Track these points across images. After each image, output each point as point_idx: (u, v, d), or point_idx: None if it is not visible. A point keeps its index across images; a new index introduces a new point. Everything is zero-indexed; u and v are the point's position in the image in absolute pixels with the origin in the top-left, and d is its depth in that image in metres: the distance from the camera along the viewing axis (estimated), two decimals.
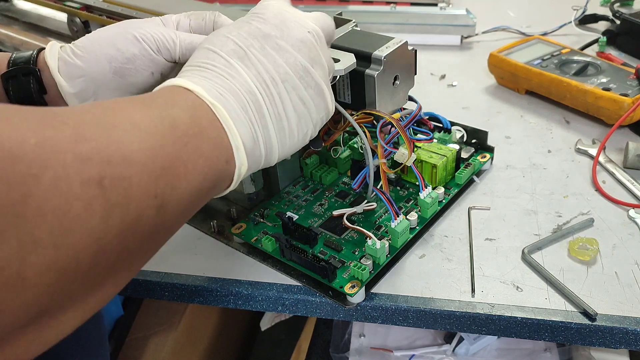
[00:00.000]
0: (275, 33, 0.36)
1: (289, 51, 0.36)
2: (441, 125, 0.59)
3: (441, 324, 0.45)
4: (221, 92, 0.33)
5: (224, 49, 0.35)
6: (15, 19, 0.74)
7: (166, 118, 0.30)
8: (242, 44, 0.35)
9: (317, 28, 0.38)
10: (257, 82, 0.35)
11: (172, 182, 0.28)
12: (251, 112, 0.34)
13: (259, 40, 0.36)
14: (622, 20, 0.82)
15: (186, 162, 0.30)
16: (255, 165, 0.36)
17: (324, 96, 0.38)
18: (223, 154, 0.32)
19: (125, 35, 0.42)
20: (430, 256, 0.49)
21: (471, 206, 0.54)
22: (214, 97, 0.33)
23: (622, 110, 0.61)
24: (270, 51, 0.36)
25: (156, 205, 0.27)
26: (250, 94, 0.34)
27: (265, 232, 0.50)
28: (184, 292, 0.49)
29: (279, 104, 0.35)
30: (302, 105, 0.37)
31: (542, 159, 0.61)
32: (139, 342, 0.73)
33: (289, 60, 0.36)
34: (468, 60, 0.85)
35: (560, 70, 0.69)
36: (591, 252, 0.48)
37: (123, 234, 0.26)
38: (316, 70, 0.37)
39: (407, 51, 0.47)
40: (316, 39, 0.38)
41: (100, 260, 0.25)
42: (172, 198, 0.28)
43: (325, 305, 0.47)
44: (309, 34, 0.37)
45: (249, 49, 0.35)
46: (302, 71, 0.36)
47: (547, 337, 0.44)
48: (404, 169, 0.54)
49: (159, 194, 0.28)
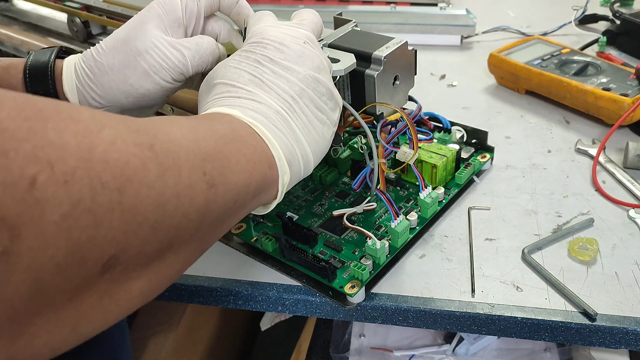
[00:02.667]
0: (278, 56, 0.38)
1: (295, 69, 0.38)
2: (441, 125, 0.59)
3: (441, 324, 0.45)
4: (254, 115, 0.36)
5: (241, 80, 0.37)
6: (15, 19, 0.74)
7: (206, 124, 0.32)
8: (255, 73, 0.37)
9: (309, 34, 0.41)
10: (280, 102, 0.37)
11: (219, 168, 0.30)
12: (284, 129, 0.36)
13: (268, 66, 0.38)
14: (622, 20, 0.82)
15: (229, 157, 0.32)
16: (296, 176, 0.38)
17: (334, 97, 0.40)
18: (264, 159, 0.34)
19: (136, 67, 0.42)
20: (430, 256, 0.49)
21: (471, 206, 0.54)
22: (249, 117, 0.35)
23: (622, 110, 0.61)
24: (281, 73, 0.38)
25: (206, 181, 0.29)
26: (277, 114, 0.36)
27: (265, 232, 0.50)
28: (184, 292, 0.49)
29: (303, 117, 0.38)
30: (321, 112, 0.39)
31: (542, 159, 0.61)
32: (139, 342, 0.73)
33: (299, 76, 0.38)
34: (468, 60, 0.85)
35: (560, 70, 0.69)
36: (591, 252, 0.48)
37: (179, 197, 0.27)
38: (322, 76, 0.39)
39: (407, 51, 0.47)
40: (312, 45, 0.40)
41: (162, 217, 0.26)
42: (221, 181, 0.30)
43: (325, 305, 0.47)
44: (304, 44, 0.39)
45: (262, 75, 0.37)
46: (313, 82, 0.38)
47: (547, 337, 0.44)
48: (404, 169, 0.54)
49: (207, 172, 0.29)
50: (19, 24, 0.74)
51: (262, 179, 0.34)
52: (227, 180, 0.31)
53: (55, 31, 0.70)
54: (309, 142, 0.38)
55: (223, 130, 0.33)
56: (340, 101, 0.41)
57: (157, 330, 0.73)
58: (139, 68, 0.42)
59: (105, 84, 0.43)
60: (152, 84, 0.43)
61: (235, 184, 0.32)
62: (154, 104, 0.45)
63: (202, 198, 0.29)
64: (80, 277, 0.23)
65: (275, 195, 0.37)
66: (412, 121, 0.47)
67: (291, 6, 0.94)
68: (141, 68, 0.42)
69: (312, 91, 0.38)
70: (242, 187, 0.32)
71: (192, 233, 0.29)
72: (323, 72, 0.39)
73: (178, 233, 0.28)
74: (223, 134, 0.32)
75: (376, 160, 0.48)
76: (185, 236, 0.29)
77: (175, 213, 0.27)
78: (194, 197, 0.28)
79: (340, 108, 0.42)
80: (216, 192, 0.30)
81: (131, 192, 0.25)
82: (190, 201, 0.28)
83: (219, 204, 0.30)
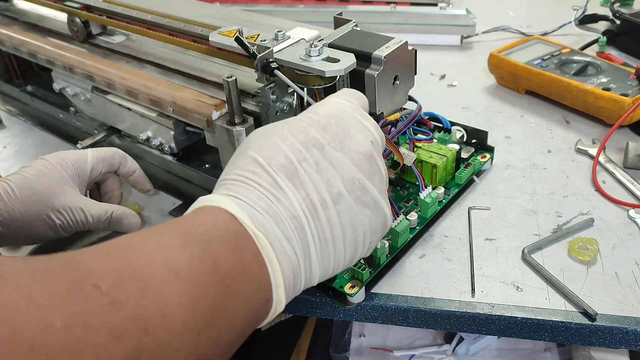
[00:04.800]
0: (334, 145, 0.32)
1: (347, 167, 0.32)
2: (441, 125, 0.59)
3: (441, 324, 0.45)
4: (264, 219, 0.30)
5: (273, 162, 0.31)
6: (15, 19, 0.74)
7: (207, 257, 0.27)
8: (295, 158, 0.31)
9: (379, 139, 0.35)
10: (305, 205, 0.31)
11: (215, 337, 0.26)
12: (295, 242, 0.31)
13: (315, 154, 0.32)
14: (622, 20, 0.82)
15: (228, 308, 0.27)
16: (292, 296, 0.33)
17: (382, 213, 0.34)
18: (263, 294, 0.30)
19: (45, 221, 0.47)
20: (430, 256, 0.49)
21: (471, 206, 0.54)
22: (257, 225, 0.30)
23: (622, 110, 0.61)
24: (326, 166, 0.31)
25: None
26: (294, 219, 0.31)
27: None
28: None
29: (327, 228, 0.31)
30: (353, 229, 0.32)
31: (542, 159, 0.61)
32: None
33: (345, 177, 0.32)
34: (468, 60, 0.85)
35: (560, 70, 0.69)
36: (591, 252, 0.48)
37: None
38: (375, 185, 0.33)
39: (407, 51, 0.47)
40: (377, 149, 0.34)
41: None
42: (214, 352, 0.27)
43: (325, 305, 0.47)
44: (371, 144, 0.33)
45: (302, 164, 0.31)
46: (359, 190, 0.32)
47: (547, 337, 0.44)
48: (404, 169, 0.54)
49: (200, 354, 0.25)
50: (19, 24, 0.74)
51: (255, 318, 0.30)
52: (221, 347, 0.27)
53: (56, 31, 0.70)
54: (321, 260, 0.32)
55: (226, 260, 0.28)
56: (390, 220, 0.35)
57: None
58: (49, 221, 0.47)
59: (11, 228, 0.46)
60: (55, 234, 0.48)
61: (230, 342, 0.28)
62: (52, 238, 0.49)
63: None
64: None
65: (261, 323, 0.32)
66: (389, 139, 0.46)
67: (291, 6, 0.94)
68: (52, 222, 0.47)
69: (354, 199, 0.32)
70: (235, 341, 0.29)
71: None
72: (377, 181, 0.33)
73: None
74: (226, 270, 0.27)
75: None
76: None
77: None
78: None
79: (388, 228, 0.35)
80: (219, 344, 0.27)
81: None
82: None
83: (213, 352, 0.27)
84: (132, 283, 0.23)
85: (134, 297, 0.23)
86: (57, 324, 0.20)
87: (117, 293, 0.22)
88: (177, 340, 0.24)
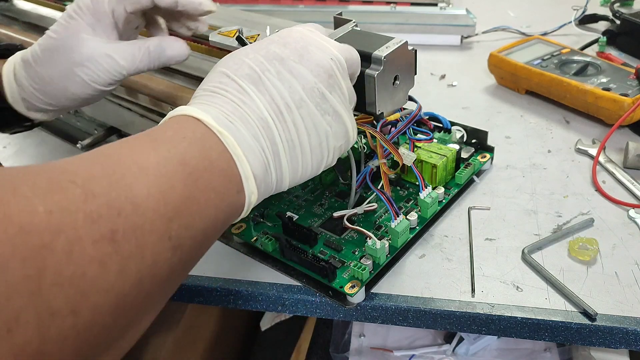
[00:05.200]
0: (294, 57, 0.35)
1: (306, 76, 0.35)
2: (441, 125, 0.59)
3: (441, 324, 0.45)
4: (231, 119, 0.33)
5: (238, 72, 0.34)
6: (15, 19, 0.74)
7: (175, 156, 0.29)
8: (258, 68, 0.34)
9: (341, 57, 0.37)
10: (270, 108, 0.34)
11: (186, 222, 0.28)
12: (263, 140, 0.33)
13: (276, 65, 0.35)
14: (622, 20, 0.82)
15: (198, 199, 0.29)
16: (266, 192, 0.35)
17: (343, 123, 0.37)
18: (234, 185, 0.32)
19: (74, 78, 0.43)
20: (430, 256, 0.49)
21: (471, 206, 0.54)
22: (222, 125, 0.32)
23: (622, 110, 0.61)
24: (287, 75, 0.35)
25: (171, 246, 0.27)
26: (261, 120, 0.33)
27: (265, 232, 0.50)
28: (184, 292, 0.49)
29: (293, 131, 0.34)
30: (317, 133, 0.35)
31: (542, 159, 0.61)
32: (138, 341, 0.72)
33: (306, 85, 0.35)
34: (468, 60, 0.85)
35: (560, 70, 0.69)
36: (591, 252, 0.48)
37: (141, 282, 0.26)
38: (335, 97, 0.36)
39: (407, 51, 0.47)
40: (338, 66, 0.37)
41: (121, 312, 0.25)
42: (187, 236, 0.28)
43: (325, 305, 0.47)
44: (331, 60, 0.36)
45: (264, 73, 0.34)
46: (318, 97, 0.35)
47: (547, 337, 0.44)
48: (404, 169, 0.54)
49: (173, 236, 0.27)
50: (19, 24, 0.74)
51: (229, 208, 0.32)
52: (195, 232, 0.29)
53: None
54: (289, 160, 0.35)
55: (194, 159, 0.30)
56: (353, 132, 0.38)
57: (157, 329, 0.73)
58: (77, 79, 0.43)
59: (48, 92, 0.44)
60: (92, 90, 0.44)
61: (204, 229, 0.30)
62: (100, 98, 0.47)
63: (166, 267, 0.27)
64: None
65: (240, 214, 0.34)
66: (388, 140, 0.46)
67: (291, 6, 0.94)
68: (79, 79, 0.43)
69: (315, 106, 0.35)
70: (210, 229, 0.30)
71: (155, 302, 0.28)
72: (337, 94, 0.36)
73: (140, 311, 0.27)
74: (194, 166, 0.30)
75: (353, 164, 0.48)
76: (148, 308, 0.28)
77: (137, 299, 0.26)
78: (157, 271, 0.27)
79: (351, 140, 0.38)
80: (182, 251, 0.28)
81: (87, 306, 0.23)
82: (154, 277, 0.26)
83: (184, 260, 0.29)
84: (103, 179, 0.26)
85: (106, 189, 0.25)
86: (40, 209, 0.22)
87: (91, 186, 0.25)
88: (149, 223, 0.26)
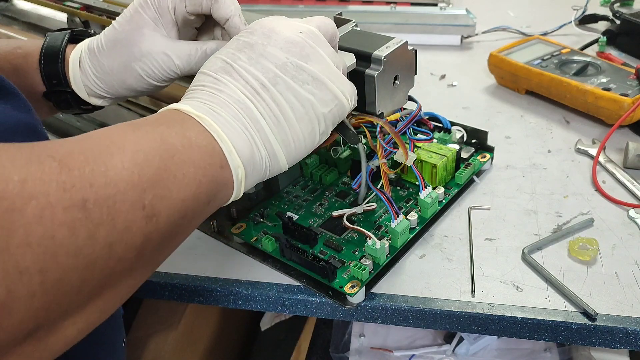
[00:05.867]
0: (262, 41, 0.37)
1: (276, 55, 0.36)
2: (441, 125, 0.59)
3: (441, 324, 0.45)
4: (209, 106, 0.34)
5: (213, 68, 0.36)
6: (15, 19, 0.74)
7: (153, 135, 0.31)
8: (229, 59, 0.36)
9: (312, 27, 0.38)
10: (246, 90, 0.35)
11: (161, 193, 0.29)
12: (244, 120, 0.35)
13: (246, 52, 0.36)
14: (622, 20, 0.82)
15: (175, 172, 0.30)
16: (257, 169, 0.36)
17: (328, 89, 0.37)
18: (216, 160, 0.33)
19: (132, 72, 0.44)
20: (430, 256, 0.49)
21: (471, 206, 0.54)
22: (201, 110, 0.34)
23: (622, 110, 0.61)
24: (257, 58, 0.36)
25: (145, 215, 0.28)
26: (239, 103, 0.35)
27: (265, 232, 0.50)
28: (184, 292, 0.49)
29: (273, 106, 0.35)
30: (301, 104, 0.36)
31: (542, 159, 0.61)
32: (139, 341, 0.73)
33: (277, 62, 0.36)
34: (468, 60, 0.85)
35: (560, 70, 0.69)
36: (591, 252, 0.48)
37: (111, 247, 0.27)
38: (312, 66, 0.37)
39: (407, 51, 0.47)
40: (310, 36, 0.38)
41: (91, 274, 0.26)
42: (163, 207, 0.29)
43: (325, 305, 0.47)
44: (300, 34, 0.37)
45: (236, 62, 0.36)
46: (293, 70, 0.36)
47: (547, 337, 0.44)
48: (404, 169, 0.54)
49: (147, 205, 0.28)
50: (19, 24, 0.74)
51: (213, 183, 0.33)
52: (172, 202, 0.30)
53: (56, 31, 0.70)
54: (277, 134, 0.36)
55: (172, 137, 0.31)
56: (344, 94, 0.38)
57: (157, 329, 0.73)
58: (134, 72, 0.44)
59: (107, 82, 0.46)
60: (147, 85, 0.45)
61: (183, 200, 0.30)
62: (156, 92, 0.48)
63: (139, 235, 0.28)
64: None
65: (232, 193, 0.35)
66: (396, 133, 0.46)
67: (291, 6, 0.94)
68: (136, 72, 0.44)
69: (291, 79, 0.36)
70: (190, 201, 0.31)
71: (130, 267, 0.29)
72: (315, 62, 0.37)
73: (113, 274, 0.28)
74: (171, 144, 0.31)
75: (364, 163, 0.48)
76: (123, 272, 0.28)
77: (107, 263, 0.27)
78: (129, 238, 0.28)
79: (344, 102, 0.38)
80: (157, 221, 0.29)
81: (55, 268, 0.24)
82: (126, 244, 0.27)
83: (162, 230, 0.30)
84: (80, 154, 0.27)
85: (82, 164, 0.27)
86: (15, 177, 0.24)
87: (67, 161, 0.26)
88: (121, 194, 0.27)
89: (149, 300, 0.77)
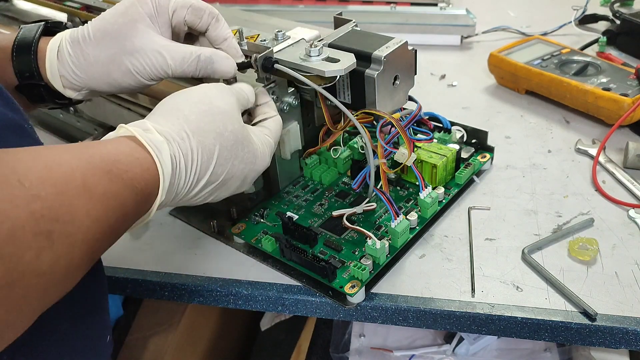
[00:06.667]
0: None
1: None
2: (441, 125, 0.59)
3: (441, 324, 0.45)
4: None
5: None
6: (15, 19, 0.74)
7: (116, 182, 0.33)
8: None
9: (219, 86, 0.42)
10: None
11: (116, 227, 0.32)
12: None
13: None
14: (622, 20, 0.82)
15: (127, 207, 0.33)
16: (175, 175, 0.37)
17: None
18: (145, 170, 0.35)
19: (120, 65, 0.43)
20: (430, 256, 0.49)
21: (471, 206, 0.54)
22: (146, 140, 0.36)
23: (622, 110, 0.61)
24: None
25: (99, 247, 0.32)
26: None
27: (265, 232, 0.50)
28: (184, 292, 0.49)
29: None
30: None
31: (542, 159, 0.61)
32: (139, 342, 0.73)
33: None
34: (468, 60, 0.85)
35: (560, 70, 0.69)
36: (591, 252, 0.48)
37: (68, 275, 0.29)
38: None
39: (407, 51, 0.47)
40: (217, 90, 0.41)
41: (48, 294, 0.29)
42: (114, 234, 0.33)
43: (325, 305, 0.47)
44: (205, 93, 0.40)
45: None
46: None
47: (547, 337, 0.44)
48: (404, 169, 0.54)
49: (103, 244, 0.32)
50: (19, 23, 0.74)
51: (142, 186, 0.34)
52: (119, 228, 0.33)
53: None
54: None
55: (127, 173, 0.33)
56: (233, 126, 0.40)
57: (157, 330, 0.73)
58: (123, 66, 0.43)
59: (89, 73, 0.44)
60: (134, 81, 0.44)
61: (124, 221, 0.33)
62: (138, 91, 0.47)
63: (91, 263, 0.31)
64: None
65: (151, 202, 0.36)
66: (403, 128, 0.47)
67: (291, 6, 0.94)
68: (125, 67, 0.43)
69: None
70: (130, 215, 0.34)
71: (74, 280, 0.31)
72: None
73: (61, 294, 0.30)
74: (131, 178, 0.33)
75: (371, 161, 0.48)
76: (67, 288, 0.31)
77: (61, 286, 0.29)
78: (84, 269, 0.31)
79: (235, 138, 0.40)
80: (109, 242, 0.33)
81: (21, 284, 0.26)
82: (81, 272, 0.31)
83: (105, 247, 0.33)
84: (46, 185, 0.28)
85: (51, 198, 0.28)
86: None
87: (37, 191, 0.27)
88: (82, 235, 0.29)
89: (149, 300, 0.77)
